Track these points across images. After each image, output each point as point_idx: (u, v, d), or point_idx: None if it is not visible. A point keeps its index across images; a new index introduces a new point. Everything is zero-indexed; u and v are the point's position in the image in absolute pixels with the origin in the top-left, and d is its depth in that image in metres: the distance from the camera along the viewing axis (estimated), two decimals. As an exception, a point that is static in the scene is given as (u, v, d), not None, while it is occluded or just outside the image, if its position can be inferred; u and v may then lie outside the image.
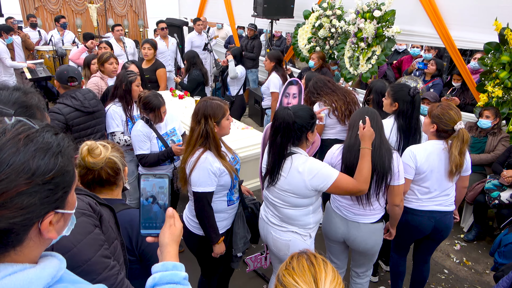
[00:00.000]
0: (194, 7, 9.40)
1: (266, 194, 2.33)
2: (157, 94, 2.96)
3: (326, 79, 3.77)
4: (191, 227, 2.40)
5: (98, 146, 1.61)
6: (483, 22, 4.25)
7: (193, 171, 2.17)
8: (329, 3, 5.69)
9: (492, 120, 3.96)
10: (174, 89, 4.96)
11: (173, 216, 1.09)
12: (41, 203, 0.73)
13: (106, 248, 1.27)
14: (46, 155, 0.73)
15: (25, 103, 1.23)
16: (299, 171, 2.09)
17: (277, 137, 2.12)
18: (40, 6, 9.41)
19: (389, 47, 4.94)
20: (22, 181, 0.69)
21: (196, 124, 2.20)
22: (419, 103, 2.84)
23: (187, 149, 2.24)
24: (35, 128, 0.76)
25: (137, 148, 2.98)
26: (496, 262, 2.87)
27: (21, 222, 0.71)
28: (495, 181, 3.73)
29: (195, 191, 2.20)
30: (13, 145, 0.70)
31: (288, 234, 2.28)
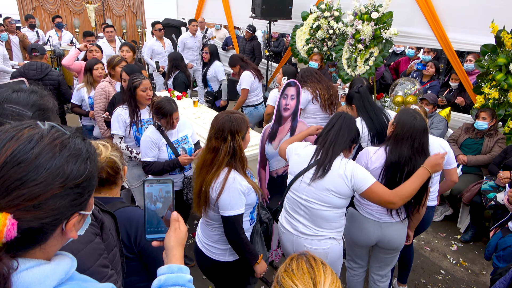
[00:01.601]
0: (192, 7, 9.40)
1: (296, 199, 2.25)
2: (170, 100, 2.89)
3: (314, 71, 4.12)
4: (214, 255, 2.20)
5: (99, 146, 1.63)
6: (480, 24, 4.28)
7: (222, 193, 1.99)
8: (327, 4, 5.71)
9: (488, 121, 3.99)
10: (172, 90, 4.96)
11: (178, 219, 1.11)
12: (70, 205, 0.78)
13: (105, 258, 1.28)
14: (77, 161, 0.78)
15: (42, 106, 1.25)
16: (344, 170, 2.15)
17: (340, 133, 2.19)
18: (38, 6, 9.39)
19: (386, 49, 4.96)
20: (57, 185, 0.74)
21: (221, 142, 2.00)
22: (365, 93, 3.10)
23: (210, 170, 2.03)
24: (67, 134, 0.80)
25: (143, 154, 2.91)
26: (496, 267, 2.83)
27: (51, 222, 0.75)
28: (491, 182, 3.76)
29: (227, 215, 2.01)
30: (50, 150, 0.75)
31: (325, 242, 2.25)
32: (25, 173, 0.71)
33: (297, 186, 2.25)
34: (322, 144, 2.23)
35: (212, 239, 2.19)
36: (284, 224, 2.38)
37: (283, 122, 3.07)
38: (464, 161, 4.12)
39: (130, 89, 3.17)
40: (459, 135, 4.30)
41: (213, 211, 2.09)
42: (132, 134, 3.26)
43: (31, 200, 0.71)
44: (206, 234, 2.22)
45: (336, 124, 2.24)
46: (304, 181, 2.23)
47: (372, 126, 3.01)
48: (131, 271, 1.66)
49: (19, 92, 1.24)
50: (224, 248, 2.18)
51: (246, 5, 6.90)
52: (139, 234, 1.63)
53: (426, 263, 3.66)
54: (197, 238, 2.31)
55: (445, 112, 4.51)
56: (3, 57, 5.93)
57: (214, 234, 2.17)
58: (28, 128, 0.77)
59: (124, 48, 4.87)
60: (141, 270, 1.70)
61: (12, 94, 1.22)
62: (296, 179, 2.26)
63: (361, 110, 3.07)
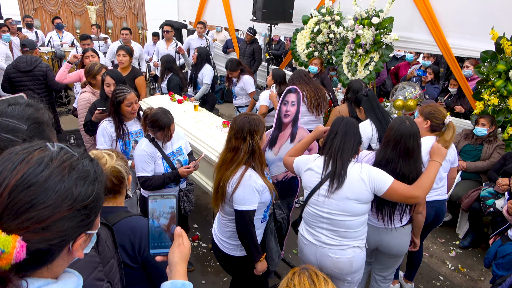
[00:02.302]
0: (193, 9, 9.42)
1: (317, 213, 2.26)
2: (166, 111, 2.77)
3: (303, 73, 4.33)
4: (226, 249, 2.35)
5: (104, 155, 1.64)
6: (480, 31, 4.30)
7: (237, 189, 2.12)
8: (328, 8, 5.73)
9: (488, 128, 4.01)
10: (173, 93, 4.97)
11: (181, 235, 1.12)
12: (77, 226, 0.79)
13: (100, 271, 1.28)
14: (85, 183, 0.79)
15: (38, 119, 1.25)
16: (361, 173, 2.16)
17: (345, 139, 2.19)
18: (39, 7, 9.40)
19: (387, 54, 4.98)
20: (65, 207, 0.75)
21: (241, 142, 2.14)
22: (373, 96, 3.28)
23: (230, 167, 2.16)
24: (76, 156, 0.82)
25: (139, 170, 2.75)
26: (496, 275, 2.84)
27: (58, 244, 0.76)
28: (490, 188, 3.77)
29: (239, 209, 2.14)
30: (59, 173, 0.76)
31: (349, 251, 2.27)
32: (35, 196, 0.72)
33: (315, 200, 2.25)
34: (330, 154, 2.22)
35: (225, 235, 2.33)
36: (306, 235, 2.38)
37: (284, 128, 3.08)
38: (463, 167, 4.13)
39: (114, 103, 3.02)
40: (458, 141, 4.31)
41: (229, 206, 2.22)
42: (119, 148, 3.13)
43: (39, 223, 0.72)
44: (221, 229, 2.37)
45: (340, 130, 2.23)
46: (321, 194, 2.22)
47: (380, 127, 3.14)
48: (135, 281, 1.66)
49: (14, 106, 1.25)
50: (236, 243, 2.32)
51: (247, 8, 6.92)
52: (143, 244, 1.63)
53: (424, 269, 3.67)
54: (213, 232, 2.47)
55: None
56: (6, 56, 5.95)
57: (227, 230, 2.31)
58: (38, 150, 0.78)
59: (120, 52, 4.65)
60: (144, 280, 1.70)
61: (8, 108, 1.23)
62: (313, 194, 2.26)
63: (370, 112, 3.22)
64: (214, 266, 3.57)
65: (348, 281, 2.36)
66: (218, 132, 3.74)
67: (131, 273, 1.65)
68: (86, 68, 3.85)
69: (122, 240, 1.63)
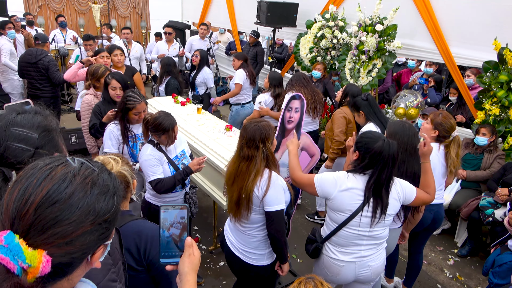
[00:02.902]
0: (197, 10, 9.46)
1: (358, 234, 2.20)
2: (168, 113, 2.75)
3: (303, 76, 4.44)
4: (252, 260, 2.31)
5: (110, 161, 1.66)
6: (483, 41, 4.33)
7: (269, 190, 2.10)
8: (332, 14, 5.76)
9: (488, 137, 4.03)
10: (176, 95, 4.99)
11: (192, 245, 1.13)
12: (98, 239, 0.81)
13: (113, 272, 1.31)
14: (106, 197, 0.82)
15: (47, 127, 1.27)
16: (397, 193, 2.22)
17: (385, 171, 2.08)
18: (43, 5, 9.43)
19: (389, 61, 5.01)
20: (88, 222, 0.77)
21: (254, 151, 2.14)
22: (373, 100, 3.38)
23: (248, 177, 2.13)
24: (96, 171, 0.84)
25: (150, 174, 2.72)
26: (491, 283, 2.88)
27: (80, 256, 0.79)
28: (490, 198, 3.80)
29: (274, 210, 2.12)
30: (82, 189, 0.78)
31: (382, 253, 2.36)
32: (60, 213, 0.74)
33: (358, 222, 2.16)
34: (375, 183, 2.10)
35: (251, 246, 2.30)
36: (342, 257, 2.28)
37: (287, 134, 3.10)
38: (463, 176, 4.16)
39: (122, 109, 3.01)
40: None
41: (256, 213, 2.19)
42: (126, 151, 3.13)
43: (64, 238, 0.74)
44: (244, 241, 2.32)
45: (388, 158, 2.06)
46: (365, 215, 2.15)
47: (383, 130, 3.19)
48: (140, 284, 1.69)
49: (23, 114, 1.26)
50: (263, 253, 2.31)
51: (251, 10, 6.95)
52: (148, 247, 1.65)
53: (422, 277, 3.69)
54: (230, 245, 2.40)
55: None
56: (10, 53, 5.97)
57: (254, 240, 2.28)
58: (61, 166, 0.80)
59: (117, 52, 4.68)
60: (149, 283, 1.73)
61: (17, 117, 1.25)
62: (354, 217, 2.16)
63: (372, 116, 3.32)
64: (213, 268, 3.60)
65: (376, 281, 2.46)
66: (221, 136, 3.76)
67: (136, 276, 1.67)
68: (90, 70, 3.82)
69: (127, 243, 1.65)
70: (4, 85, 6.13)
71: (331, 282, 2.41)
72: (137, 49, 6.65)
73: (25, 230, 0.72)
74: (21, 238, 0.71)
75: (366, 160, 2.10)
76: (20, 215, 0.72)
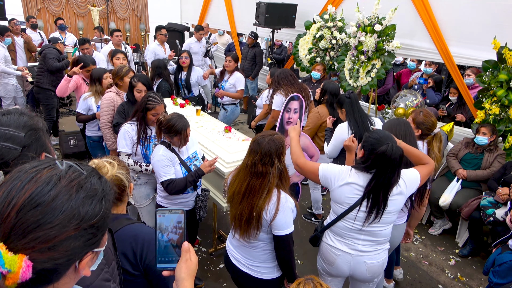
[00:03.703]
0: (196, 12, 9.46)
1: (355, 227, 2.23)
2: (180, 115, 2.78)
3: (289, 73, 4.39)
4: (262, 274, 2.26)
5: (105, 164, 1.64)
6: (482, 40, 4.32)
7: (278, 214, 2.02)
8: (331, 14, 5.75)
9: (488, 137, 4.02)
10: (175, 97, 4.98)
11: (189, 250, 1.11)
12: (84, 245, 0.78)
13: (106, 272, 1.30)
14: (93, 201, 0.79)
15: (33, 126, 1.27)
16: (400, 188, 2.17)
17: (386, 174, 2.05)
18: (42, 8, 9.43)
19: (389, 61, 5.00)
20: (72, 227, 0.74)
21: (269, 167, 2.03)
22: (355, 99, 3.39)
23: (260, 195, 2.04)
24: (84, 174, 0.81)
25: (161, 175, 2.74)
26: (491, 282, 2.89)
27: (65, 263, 0.76)
28: (490, 198, 3.78)
29: (283, 234, 2.06)
30: (67, 192, 0.75)
31: (382, 254, 2.34)
32: (42, 216, 0.72)
33: (354, 216, 2.20)
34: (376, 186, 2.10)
35: (259, 260, 2.22)
36: (339, 246, 2.32)
37: (286, 135, 3.09)
38: (464, 176, 4.14)
39: (142, 110, 3.04)
40: (459, 150, 4.33)
41: (265, 233, 2.12)
42: (139, 151, 3.14)
43: (46, 242, 0.72)
44: (251, 256, 2.24)
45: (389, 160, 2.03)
46: (362, 210, 2.17)
47: (357, 130, 3.24)
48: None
49: (8, 115, 1.26)
50: (272, 265, 2.24)
51: (250, 12, 6.95)
52: (145, 252, 1.64)
53: (424, 277, 3.67)
54: (236, 263, 2.31)
55: (448, 127, 4.54)
56: (5, 59, 5.96)
57: (261, 254, 2.21)
58: (47, 168, 0.78)
59: (120, 55, 4.80)
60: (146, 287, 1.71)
61: (2, 117, 1.24)
62: (351, 210, 2.19)
63: (349, 115, 3.33)
64: (213, 271, 3.58)
65: (374, 282, 2.43)
66: (220, 137, 3.75)
67: (132, 280, 1.65)
68: (114, 70, 3.91)
69: (124, 248, 1.63)
70: None
71: (328, 274, 2.46)
72: (129, 51, 6.71)
73: (6, 234, 0.70)
74: (1, 242, 0.69)
75: (370, 160, 2.10)
76: (1, 218, 0.70)
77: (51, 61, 5.59)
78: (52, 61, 5.60)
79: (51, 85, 5.73)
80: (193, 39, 7.55)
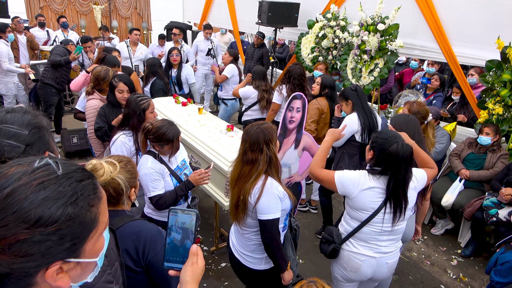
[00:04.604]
0: (198, 11, 9.44)
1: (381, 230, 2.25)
2: (171, 122, 2.59)
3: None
4: (250, 263, 2.29)
5: (103, 166, 1.59)
6: (486, 40, 4.30)
7: (261, 198, 2.07)
8: (333, 13, 5.73)
9: (492, 137, 4.00)
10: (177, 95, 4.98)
11: (197, 253, 1.08)
12: (43, 253, 0.70)
13: (109, 273, 1.29)
14: (54, 205, 0.70)
15: (37, 124, 1.26)
16: (413, 183, 2.27)
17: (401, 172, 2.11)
18: (45, 6, 9.43)
19: (391, 61, 4.98)
20: (21, 230, 0.67)
21: (258, 154, 2.10)
22: (361, 91, 3.53)
23: (248, 180, 2.11)
24: (56, 174, 0.74)
25: (150, 189, 2.53)
26: (492, 281, 2.90)
27: (21, 269, 0.70)
28: (493, 198, 3.76)
29: (265, 219, 2.09)
30: (24, 191, 0.69)
31: (398, 251, 2.41)
32: None
33: (381, 219, 2.21)
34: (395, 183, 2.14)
35: (248, 249, 2.27)
36: (363, 251, 2.32)
37: (288, 134, 3.08)
38: (467, 176, 4.13)
39: (139, 113, 2.83)
40: (462, 150, 4.31)
41: (251, 218, 2.17)
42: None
43: None
44: (242, 243, 2.30)
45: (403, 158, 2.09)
46: (387, 212, 2.21)
47: (365, 121, 3.36)
48: (138, 285, 1.67)
49: (13, 113, 1.25)
50: (260, 257, 2.27)
51: (252, 11, 6.93)
52: (147, 248, 1.63)
53: (426, 277, 3.66)
54: (232, 247, 2.39)
55: (451, 127, 4.52)
56: (8, 56, 5.96)
57: (251, 243, 2.25)
58: (20, 165, 0.73)
59: (114, 53, 4.74)
60: (147, 285, 1.71)
61: (6, 115, 1.23)
62: (376, 214, 2.21)
63: (357, 106, 3.42)
64: (215, 269, 3.58)
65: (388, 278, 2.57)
66: (222, 136, 3.74)
67: (134, 277, 1.65)
68: (98, 75, 3.68)
69: (125, 244, 1.63)
70: None
71: (347, 281, 2.44)
72: (142, 51, 6.79)
73: None
74: None
75: (383, 164, 2.14)
76: None
77: (53, 55, 5.67)
78: (54, 55, 5.66)
79: (54, 81, 5.76)
80: (201, 38, 7.60)
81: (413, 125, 2.66)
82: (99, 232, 0.81)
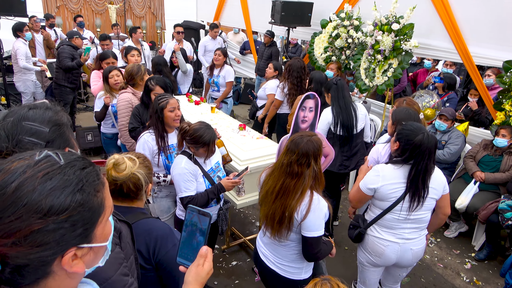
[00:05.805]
0: (211, 10, 9.47)
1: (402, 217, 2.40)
2: (208, 125, 2.57)
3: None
4: (289, 274, 2.23)
5: (125, 161, 1.66)
6: (503, 40, 4.23)
7: (308, 215, 2.00)
8: (347, 13, 5.69)
9: (508, 139, 3.93)
10: (190, 94, 5.02)
11: (205, 256, 1.08)
12: (58, 241, 0.72)
13: (125, 266, 1.31)
14: (62, 193, 0.72)
15: (58, 121, 1.28)
16: (441, 177, 2.39)
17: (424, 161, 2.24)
18: (61, 5, 9.61)
19: (406, 61, 4.92)
20: (34, 221, 0.69)
21: (304, 168, 2.01)
22: (342, 85, 3.68)
23: (293, 196, 2.02)
24: (58, 164, 0.75)
25: (182, 190, 2.53)
26: (507, 284, 2.85)
27: (38, 259, 0.71)
28: (509, 201, 3.70)
29: (310, 236, 2.03)
30: (31, 183, 0.70)
31: (423, 239, 2.52)
32: (2, 209, 0.68)
33: (400, 207, 2.37)
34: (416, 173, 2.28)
35: (288, 259, 2.21)
36: (387, 237, 2.47)
37: (300, 134, 3.08)
38: (482, 178, 4.06)
39: (157, 111, 2.83)
40: (477, 152, 4.24)
41: (294, 233, 2.10)
42: (161, 162, 2.92)
43: (8, 237, 0.68)
44: (280, 254, 2.23)
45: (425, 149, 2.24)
46: (406, 200, 2.34)
47: (339, 112, 3.60)
48: (147, 283, 1.69)
49: (34, 110, 1.27)
50: (300, 266, 2.22)
51: (265, 10, 6.93)
52: (158, 247, 1.66)
53: (438, 280, 3.62)
54: (264, 258, 2.30)
55: (463, 126, 4.46)
56: (26, 55, 6.10)
57: (291, 253, 2.19)
58: (23, 159, 0.74)
59: (134, 52, 4.78)
60: (156, 283, 1.73)
61: (28, 112, 1.25)
62: (398, 203, 2.37)
63: (334, 99, 3.66)
64: (226, 268, 3.60)
65: (412, 265, 2.62)
66: (234, 135, 3.76)
67: (143, 274, 1.67)
68: (128, 70, 3.74)
69: (137, 241, 1.65)
70: (17, 84, 6.31)
71: (373, 265, 2.58)
72: (146, 48, 6.84)
73: None
74: None
75: (407, 152, 2.28)
76: None
77: (64, 60, 5.80)
78: (65, 60, 5.79)
79: (66, 81, 5.95)
80: (208, 38, 7.59)
81: (413, 119, 2.72)
82: (106, 216, 0.83)
